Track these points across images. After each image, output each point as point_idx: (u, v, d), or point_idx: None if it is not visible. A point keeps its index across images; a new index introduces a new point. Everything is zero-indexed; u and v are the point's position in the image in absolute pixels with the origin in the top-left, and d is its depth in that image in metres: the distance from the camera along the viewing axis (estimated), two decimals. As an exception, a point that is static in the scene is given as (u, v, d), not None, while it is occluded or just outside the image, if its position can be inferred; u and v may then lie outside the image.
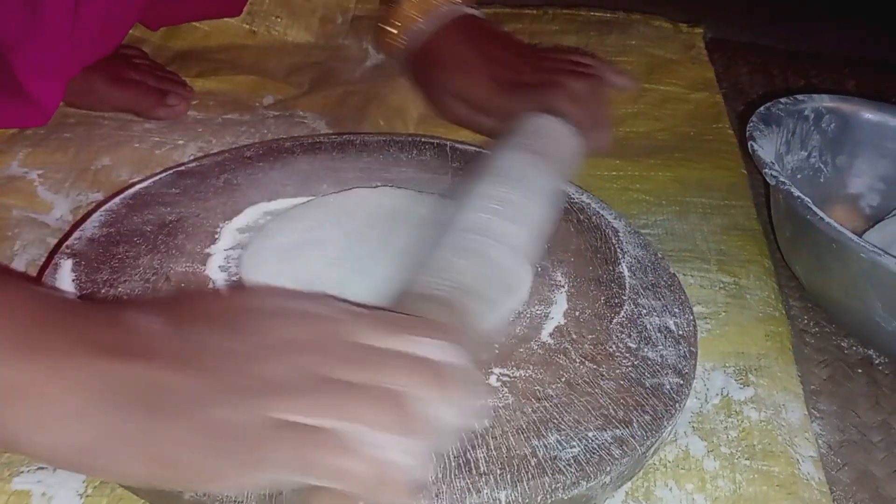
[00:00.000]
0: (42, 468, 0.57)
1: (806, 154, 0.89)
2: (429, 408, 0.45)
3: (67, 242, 0.68)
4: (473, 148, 0.86)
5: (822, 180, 0.91)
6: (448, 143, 0.86)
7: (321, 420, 0.43)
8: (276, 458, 0.43)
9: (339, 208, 0.74)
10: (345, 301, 0.54)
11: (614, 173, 0.95)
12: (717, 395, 0.69)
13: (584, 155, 0.79)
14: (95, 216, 0.71)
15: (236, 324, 0.48)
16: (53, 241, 0.76)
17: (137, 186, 0.75)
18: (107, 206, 0.72)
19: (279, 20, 1.16)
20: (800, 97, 0.89)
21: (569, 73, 0.85)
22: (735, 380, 0.70)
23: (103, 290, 0.63)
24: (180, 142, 0.90)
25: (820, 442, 0.69)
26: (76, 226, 0.71)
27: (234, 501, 0.51)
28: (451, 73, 0.87)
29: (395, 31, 0.90)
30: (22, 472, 0.56)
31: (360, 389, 0.45)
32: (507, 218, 0.64)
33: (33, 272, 0.73)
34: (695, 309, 0.74)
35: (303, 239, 0.70)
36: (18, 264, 0.74)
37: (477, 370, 0.48)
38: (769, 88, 1.24)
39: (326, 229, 0.71)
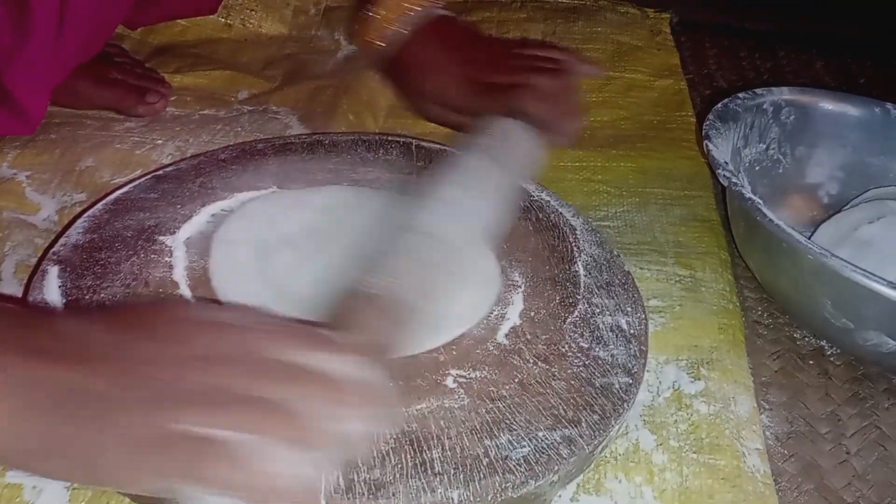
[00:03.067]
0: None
1: (764, 146, 0.91)
2: (324, 422, 0.48)
3: (54, 249, 0.71)
4: (437, 145, 0.89)
5: (780, 171, 0.93)
6: (413, 141, 0.89)
7: (213, 431, 0.46)
8: (168, 467, 0.46)
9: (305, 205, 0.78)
10: (270, 315, 0.58)
11: (577, 164, 0.98)
12: (669, 388, 0.72)
13: (549, 149, 0.83)
14: (79, 222, 0.74)
15: (164, 333, 0.51)
16: (41, 242, 0.80)
17: (118, 192, 0.78)
18: (90, 213, 0.75)
19: (254, 13, 1.19)
20: (758, 91, 0.91)
21: (537, 70, 0.88)
22: (687, 373, 0.73)
23: (87, 297, 0.66)
24: (159, 141, 0.93)
25: (768, 434, 0.71)
26: (62, 232, 0.74)
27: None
28: (426, 76, 0.90)
29: (372, 34, 0.93)
30: (14, 466, 0.60)
31: (258, 403, 0.47)
32: (454, 218, 0.67)
33: (22, 273, 0.76)
34: (650, 303, 0.78)
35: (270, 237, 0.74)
36: (8, 265, 0.77)
37: (386, 382, 0.51)
38: (737, 71, 1.26)
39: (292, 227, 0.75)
